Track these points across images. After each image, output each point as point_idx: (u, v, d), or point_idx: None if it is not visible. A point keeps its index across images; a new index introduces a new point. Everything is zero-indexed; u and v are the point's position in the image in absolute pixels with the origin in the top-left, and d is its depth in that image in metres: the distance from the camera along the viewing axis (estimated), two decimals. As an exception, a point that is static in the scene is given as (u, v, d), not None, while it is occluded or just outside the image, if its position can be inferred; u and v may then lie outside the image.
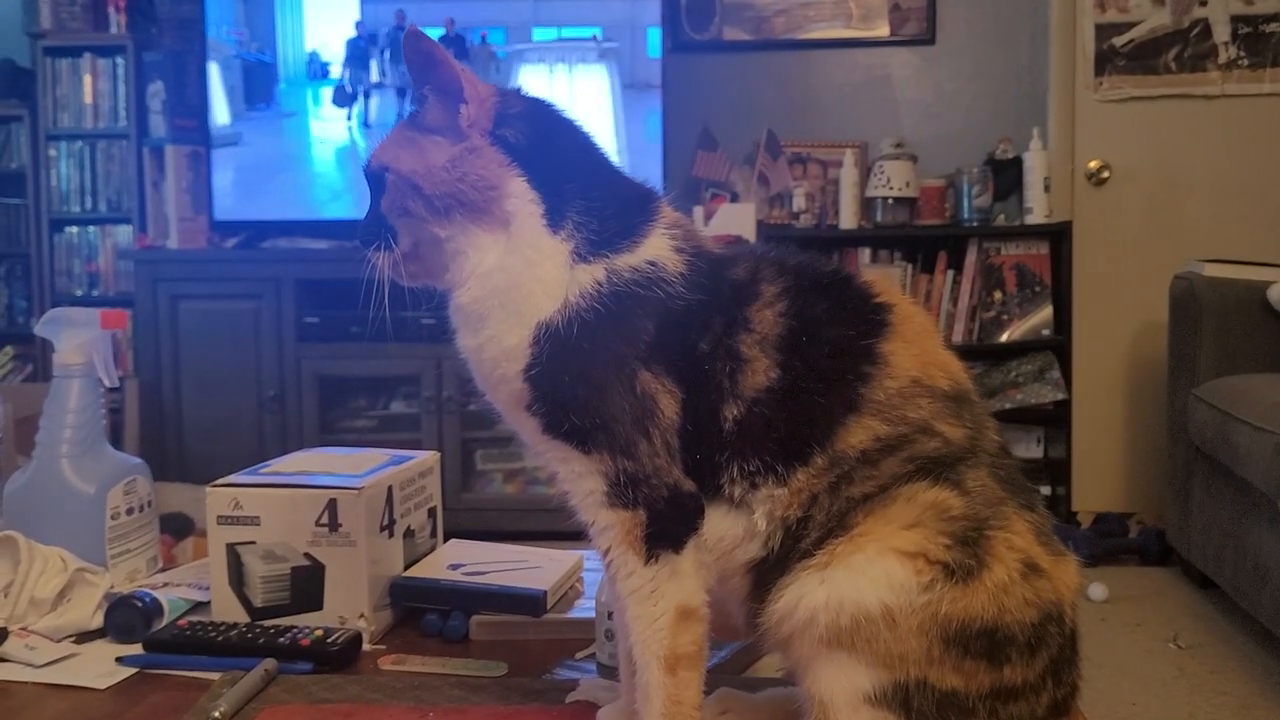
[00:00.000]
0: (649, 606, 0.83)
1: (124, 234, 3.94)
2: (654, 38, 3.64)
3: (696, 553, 0.83)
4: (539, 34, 3.66)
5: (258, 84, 3.68)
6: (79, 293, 3.98)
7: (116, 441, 3.50)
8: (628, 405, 0.81)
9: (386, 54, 3.59)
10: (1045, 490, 3.65)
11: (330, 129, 3.68)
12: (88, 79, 3.88)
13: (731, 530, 0.83)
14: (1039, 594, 0.78)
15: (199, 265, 3.59)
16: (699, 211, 3.66)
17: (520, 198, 0.84)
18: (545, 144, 0.86)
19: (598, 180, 0.87)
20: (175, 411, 3.55)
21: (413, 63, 0.84)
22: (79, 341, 1.25)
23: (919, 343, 0.85)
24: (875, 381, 0.82)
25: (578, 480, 0.84)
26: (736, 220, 3.60)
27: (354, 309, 0.90)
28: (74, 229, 3.97)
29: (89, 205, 3.94)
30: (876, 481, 0.81)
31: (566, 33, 3.66)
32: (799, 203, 3.79)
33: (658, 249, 0.85)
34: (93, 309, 1.31)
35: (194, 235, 3.70)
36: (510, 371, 0.84)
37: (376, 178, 0.87)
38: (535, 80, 3.59)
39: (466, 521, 3.31)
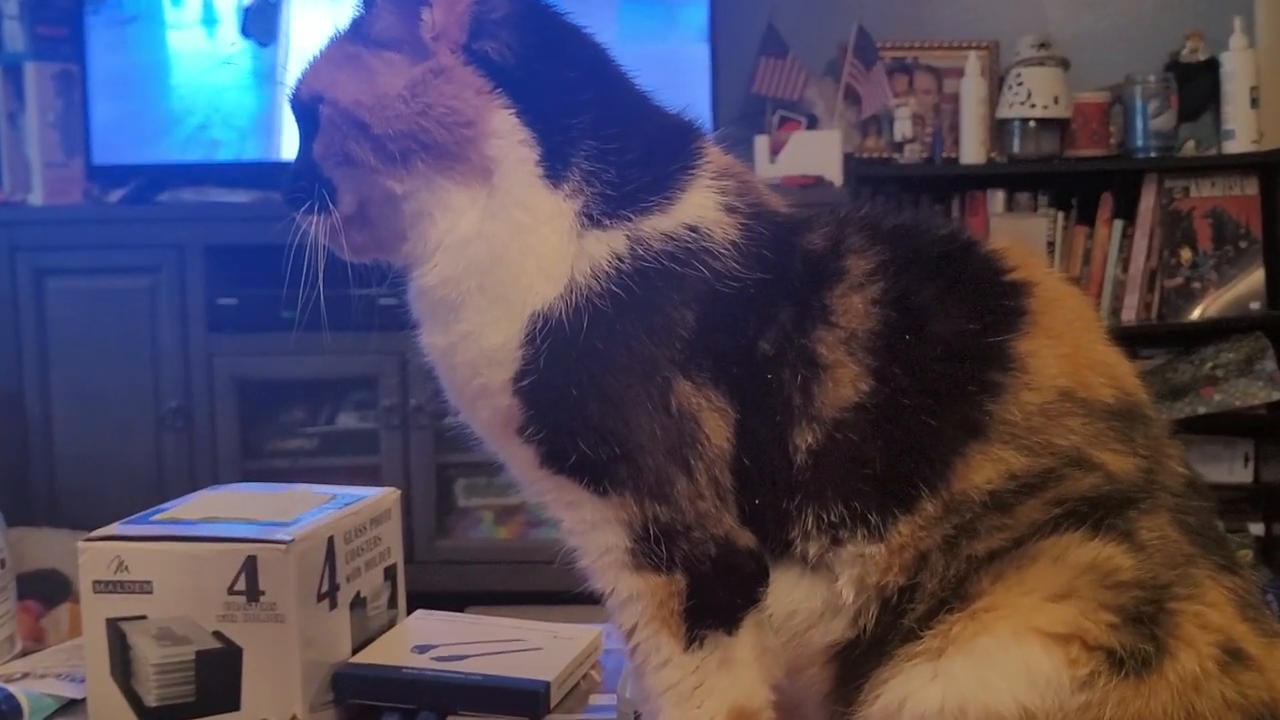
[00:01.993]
0: (691, 709, 0.84)
1: (-31, 186, 3.99)
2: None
3: (757, 634, 0.84)
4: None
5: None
6: (-90, 267, 4.04)
7: (-37, 472, 3.57)
8: (659, 428, 0.82)
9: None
10: (1257, 529, 3.61)
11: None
12: (-85, -28, 3.93)
13: (806, 603, 0.84)
14: (1245, 691, 0.79)
15: (73, 227, 3.62)
16: (763, 142, 3.66)
17: (506, 138, 0.85)
18: (541, 61, 0.87)
19: (615, 111, 0.88)
20: (43, 430, 3.58)
21: (355, -53, 0.84)
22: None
23: (1070, 337, 0.85)
24: (1008, 395, 0.82)
25: (590, 533, 0.85)
26: (815, 154, 3.60)
27: (286, 286, 0.91)
28: (-99, 180, 4.03)
29: (-80, 147, 4.00)
30: (1010, 534, 0.81)
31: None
32: (904, 128, 3.77)
33: (700, 208, 0.86)
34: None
35: (66, 186, 3.73)
36: (494, 381, 0.85)
37: (307, 111, 0.88)
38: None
39: (442, 580, 3.33)
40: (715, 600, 0.83)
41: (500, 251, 0.84)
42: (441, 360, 0.88)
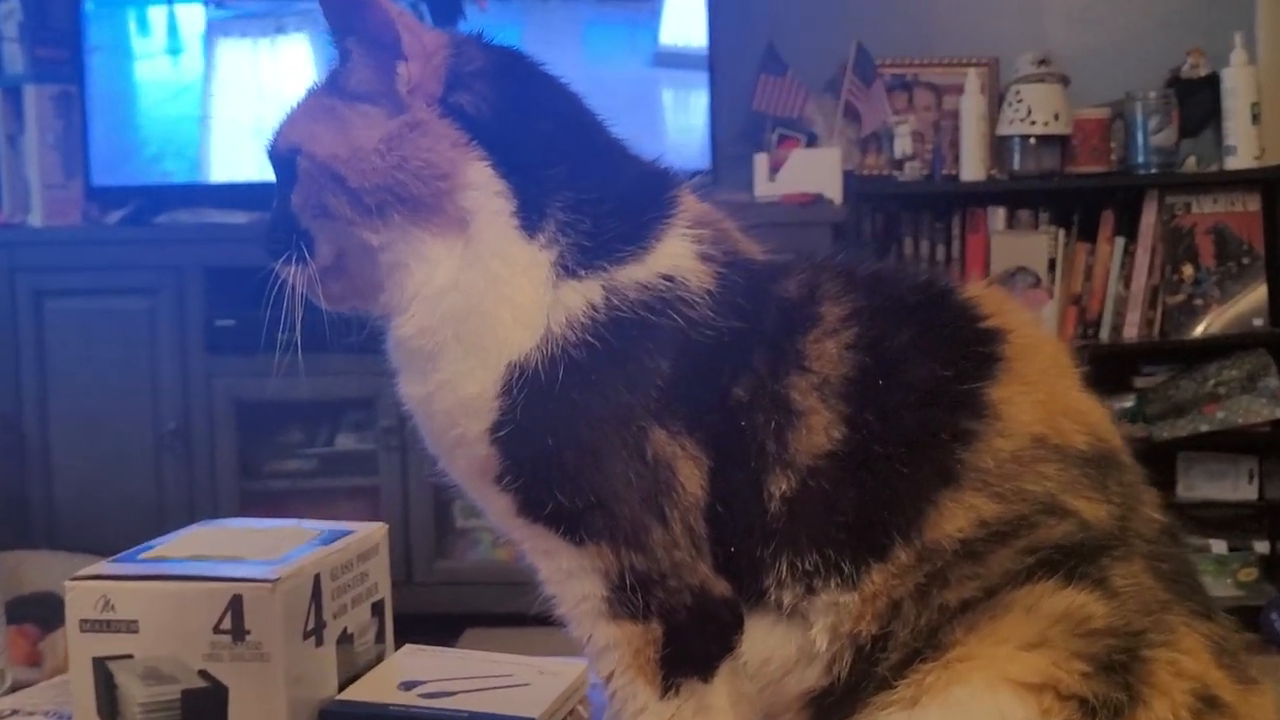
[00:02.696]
0: (668, 756, 0.83)
1: (-32, 207, 4.01)
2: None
3: (732, 681, 0.84)
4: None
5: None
6: (-91, 288, 4.05)
7: (-38, 494, 3.58)
8: (635, 476, 0.83)
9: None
10: (1261, 547, 3.60)
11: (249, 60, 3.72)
12: (-86, -6, 3.95)
13: (781, 650, 0.84)
14: None
15: (72, 249, 3.63)
16: (763, 160, 3.66)
17: (482, 189, 0.86)
18: (516, 113, 0.87)
19: (591, 161, 0.89)
20: (42, 451, 3.59)
21: (330, 4, 0.85)
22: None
23: (1044, 385, 0.85)
24: (982, 442, 0.83)
25: (567, 581, 0.86)
26: (815, 171, 3.60)
27: (282, 311, 0.92)
28: (-99, 201, 4.05)
29: (-79, 168, 4.02)
30: (982, 583, 0.81)
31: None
32: (904, 145, 3.78)
33: (676, 257, 0.86)
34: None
35: (64, 207, 3.75)
36: (471, 431, 0.86)
37: (285, 163, 0.89)
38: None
39: (441, 601, 3.34)
40: (691, 648, 0.83)
41: (477, 302, 0.85)
42: (419, 409, 0.89)
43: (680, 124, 3.65)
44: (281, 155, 0.90)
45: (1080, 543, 0.82)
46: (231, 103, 3.72)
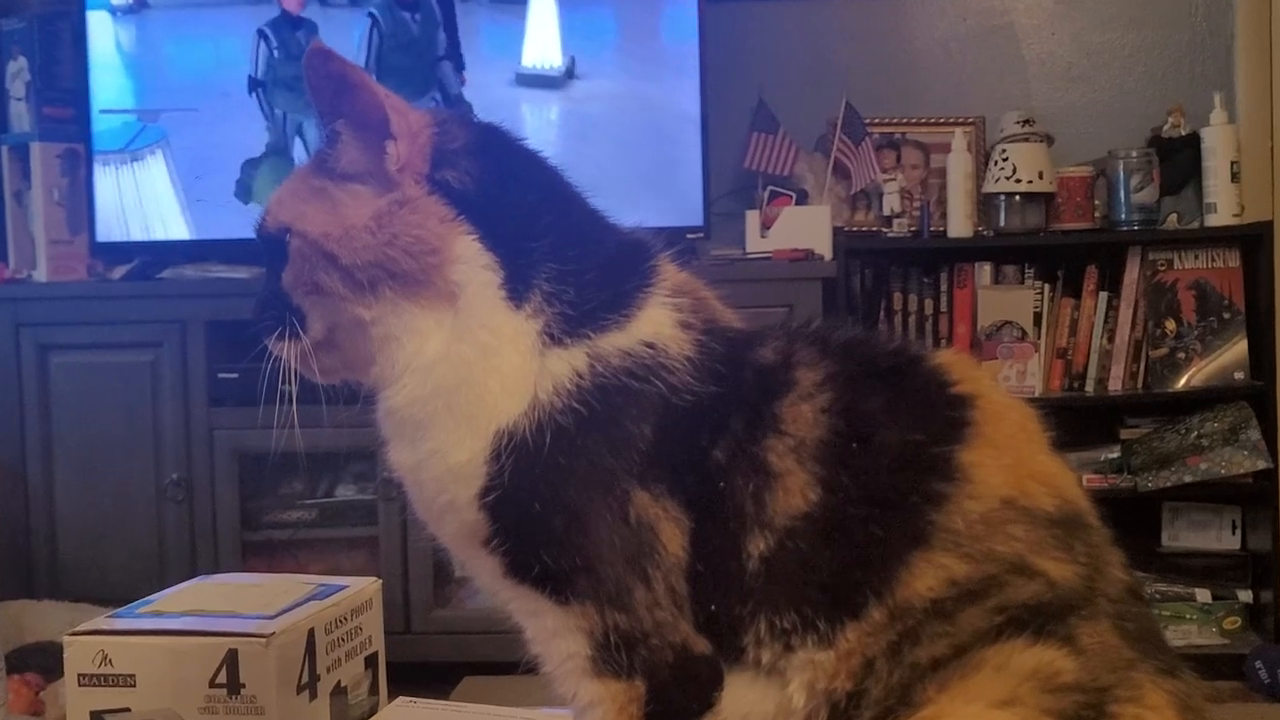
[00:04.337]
0: (651, 811, 0.84)
1: (-24, 262, 4.02)
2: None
3: None
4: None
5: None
6: (-83, 341, 4.06)
7: (-34, 544, 3.58)
8: (618, 538, 0.83)
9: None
10: (1245, 596, 3.59)
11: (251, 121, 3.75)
12: (-75, 55, 3.98)
13: (759, 706, 0.84)
14: None
15: (77, 304, 3.64)
16: (754, 217, 3.68)
17: (470, 263, 0.87)
18: (500, 187, 0.89)
19: (573, 232, 0.90)
20: (46, 502, 3.59)
21: (320, 90, 0.87)
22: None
23: (1012, 449, 0.86)
24: (952, 504, 0.83)
25: (553, 640, 0.87)
26: (805, 228, 3.61)
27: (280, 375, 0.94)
28: (-90, 256, 4.06)
29: (-71, 224, 4.03)
30: (953, 640, 0.81)
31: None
32: (892, 203, 3.80)
33: (656, 325, 0.87)
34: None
35: (70, 263, 3.77)
36: (461, 497, 0.86)
37: (274, 242, 0.90)
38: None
39: (440, 649, 3.33)
40: (673, 705, 0.84)
41: (466, 373, 0.86)
42: (409, 476, 0.90)
43: (673, 181, 3.66)
44: (271, 235, 0.91)
45: (1048, 602, 0.82)
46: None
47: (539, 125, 3.72)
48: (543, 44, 3.72)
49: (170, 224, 3.80)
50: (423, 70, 3.69)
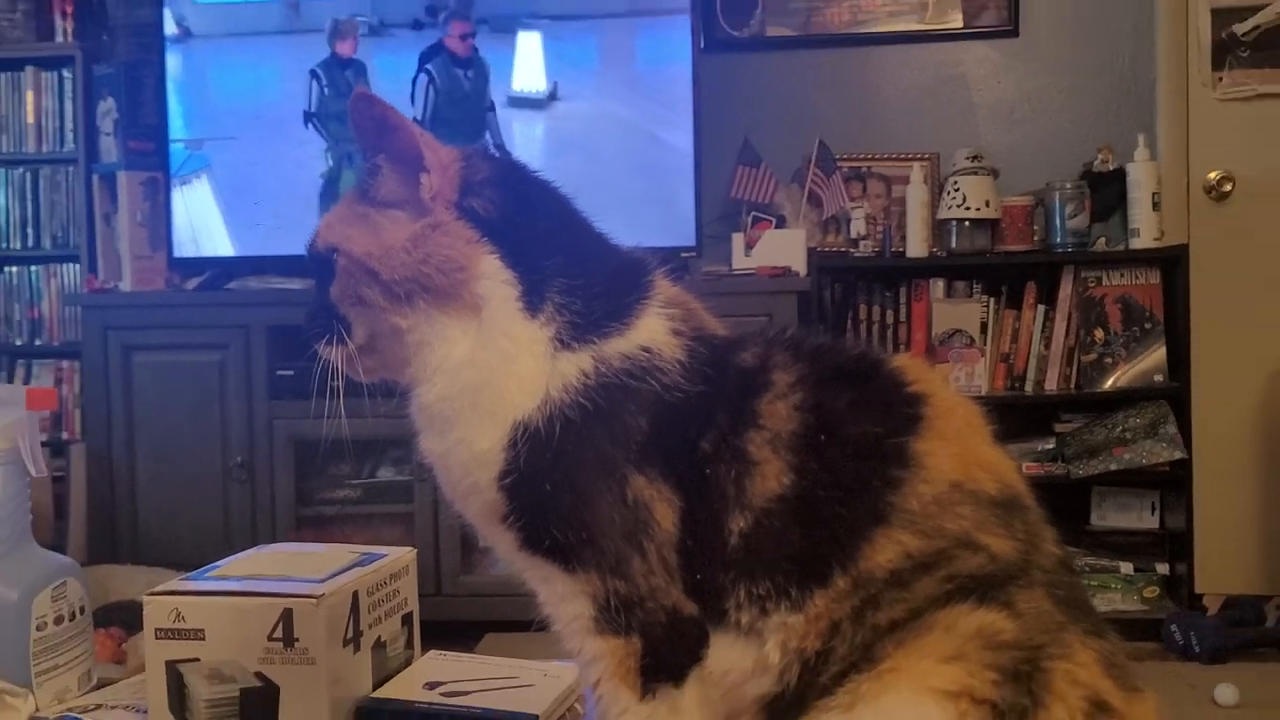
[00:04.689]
0: (645, 750, 0.83)
1: (70, 274, 4.02)
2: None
3: (699, 687, 0.84)
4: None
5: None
6: (19, 342, 4.05)
7: (60, 516, 3.58)
8: (618, 516, 0.83)
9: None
10: (1163, 568, 3.59)
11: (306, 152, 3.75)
12: (30, 96, 3.98)
13: (740, 662, 0.84)
14: None
15: (156, 310, 3.66)
16: (739, 239, 3.68)
17: (493, 278, 0.86)
18: (519, 213, 0.88)
19: (581, 252, 0.90)
20: (128, 481, 3.60)
21: (363, 129, 0.87)
22: (1, 424, 1.28)
23: (960, 440, 0.86)
24: (907, 487, 0.83)
25: (561, 603, 0.86)
26: (784, 249, 3.63)
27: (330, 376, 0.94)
28: (14, 269, 4.06)
29: (31, 241, 4.03)
30: (908, 605, 0.81)
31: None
32: (858, 227, 3.80)
33: (652, 332, 0.87)
34: (17, 386, 1.35)
35: (150, 275, 3.78)
36: (482, 479, 0.86)
37: (323, 260, 0.90)
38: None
39: (466, 610, 3.33)
40: (665, 659, 0.83)
41: (488, 373, 0.85)
42: (438, 462, 0.90)
43: (671, 207, 3.67)
44: (320, 255, 0.90)
45: (990, 573, 0.82)
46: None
47: (561, 172, 3.72)
48: (531, 72, 3.71)
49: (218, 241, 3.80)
50: (474, 121, 3.69)
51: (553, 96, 3.71)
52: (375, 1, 3.74)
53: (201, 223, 3.78)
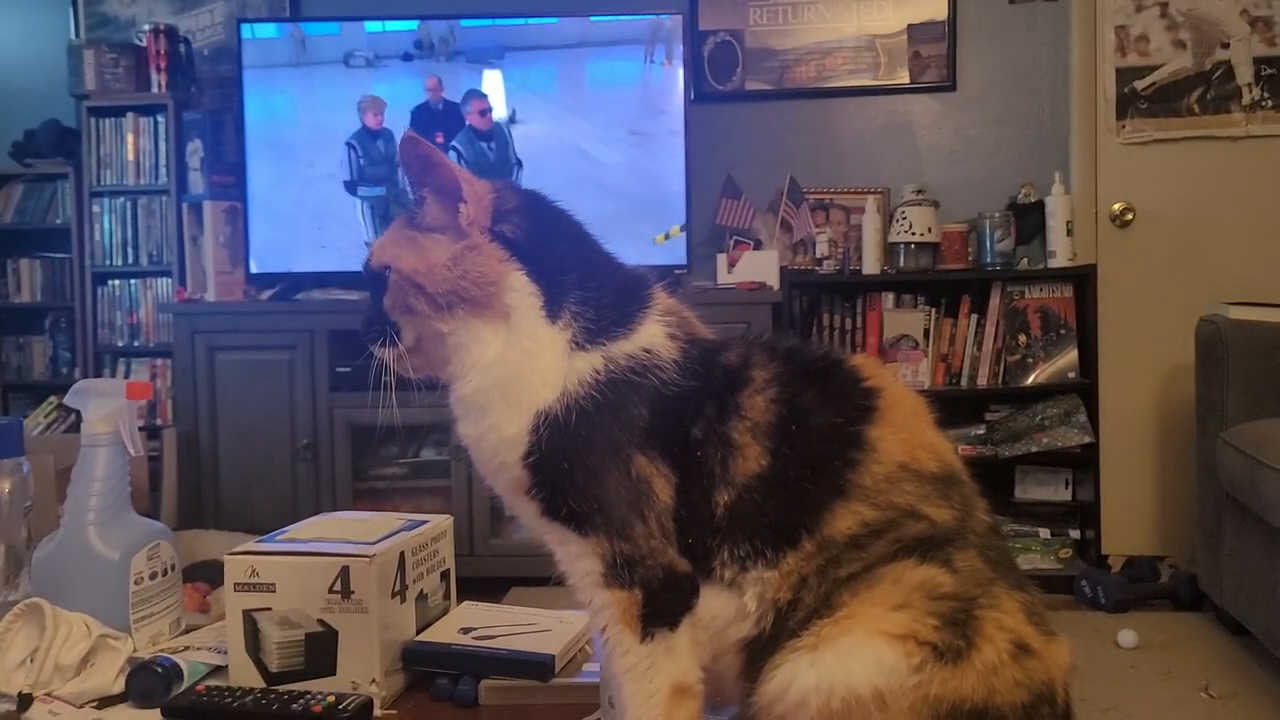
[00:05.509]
0: (645, 683, 0.84)
1: (164, 287, 4.02)
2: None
3: (691, 631, 0.84)
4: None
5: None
6: (120, 344, 4.05)
7: (154, 489, 3.58)
8: (624, 489, 0.83)
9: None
10: (1075, 534, 3.59)
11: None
12: (130, 138, 3.98)
13: (724, 610, 0.84)
14: (1030, 675, 0.79)
15: (235, 317, 3.65)
16: (723, 259, 3.68)
17: (520, 291, 0.86)
18: (541, 236, 0.88)
19: (593, 269, 0.89)
20: (212, 460, 3.60)
21: (410, 166, 0.86)
22: (105, 412, 1.29)
23: (907, 427, 0.86)
24: (863, 467, 0.83)
25: (575, 561, 0.86)
26: (760, 267, 3.62)
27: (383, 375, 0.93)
28: (116, 282, 4.06)
29: (130, 259, 4.03)
30: (864, 564, 0.81)
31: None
32: (822, 249, 3.80)
33: (652, 336, 0.87)
34: (118, 380, 1.35)
35: (231, 288, 3.77)
36: (510, 459, 0.86)
37: (377, 276, 0.90)
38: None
39: (494, 568, 3.33)
40: (662, 608, 0.84)
41: (516, 370, 0.85)
42: (473, 445, 0.89)
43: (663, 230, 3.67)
44: (374, 271, 0.90)
45: (931, 536, 0.82)
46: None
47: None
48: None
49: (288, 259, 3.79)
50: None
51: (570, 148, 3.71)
52: (371, 38, 3.72)
53: (274, 243, 3.78)
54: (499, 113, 3.68)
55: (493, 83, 3.69)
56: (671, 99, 3.66)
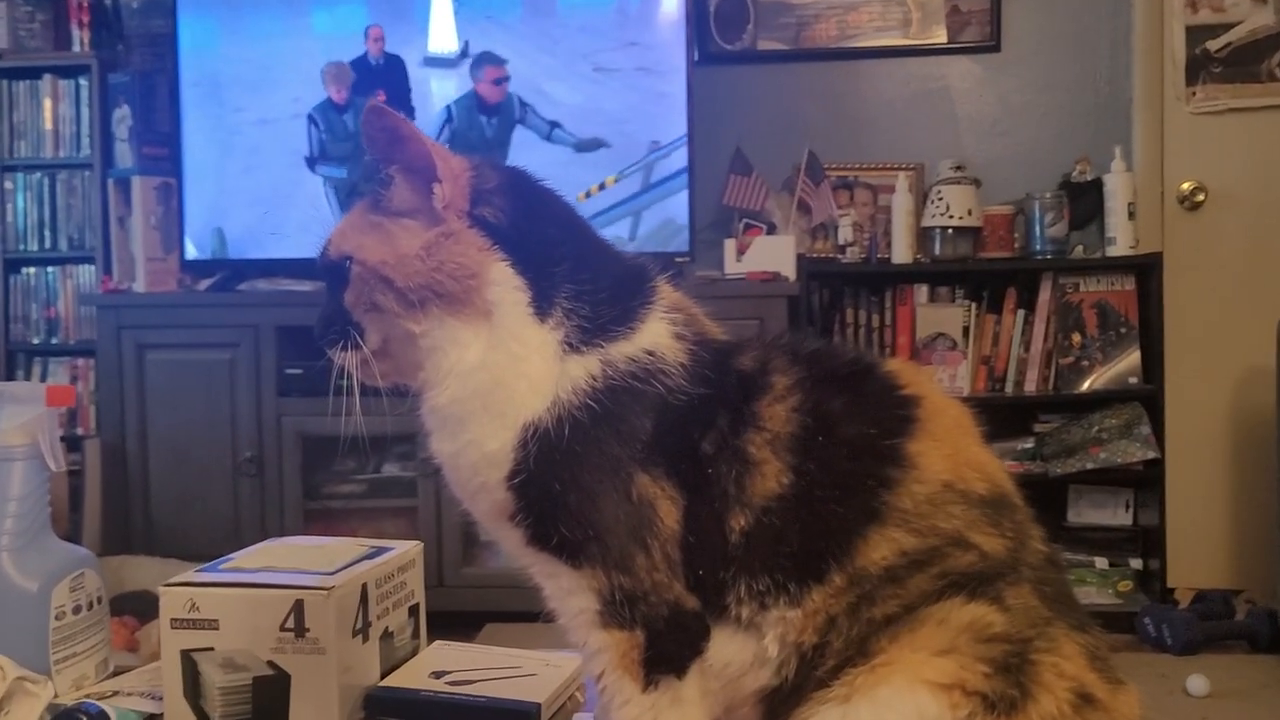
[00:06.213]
0: (648, 739, 0.83)
1: (86, 275, 4.01)
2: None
3: (701, 679, 0.84)
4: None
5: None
6: (36, 341, 4.04)
7: (75, 509, 3.57)
8: (623, 513, 0.82)
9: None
10: (1136, 563, 3.60)
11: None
12: (47, 103, 3.98)
13: (739, 655, 0.84)
14: None
15: (168, 310, 3.65)
16: (731, 245, 3.68)
17: (503, 284, 0.85)
18: (527, 221, 0.87)
19: (587, 258, 0.89)
20: (141, 475, 3.59)
21: (375, 140, 0.86)
22: (22, 421, 1.28)
23: (951, 441, 0.85)
24: (901, 487, 0.82)
25: (567, 597, 0.86)
26: (774, 255, 3.62)
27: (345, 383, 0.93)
28: (31, 269, 4.05)
29: (48, 243, 4.03)
30: (902, 601, 0.81)
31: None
32: (845, 234, 3.80)
33: (656, 336, 0.86)
34: (37, 384, 1.34)
35: (163, 277, 3.77)
36: (492, 479, 0.85)
37: (336, 268, 0.89)
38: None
39: (467, 601, 3.32)
40: (667, 652, 0.83)
41: (500, 376, 0.85)
42: (448, 463, 0.89)
43: (665, 216, 3.67)
44: (332, 262, 0.89)
45: (981, 570, 0.81)
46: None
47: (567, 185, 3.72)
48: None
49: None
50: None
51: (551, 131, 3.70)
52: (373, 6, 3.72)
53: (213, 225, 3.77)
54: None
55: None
56: (672, 59, 3.65)
